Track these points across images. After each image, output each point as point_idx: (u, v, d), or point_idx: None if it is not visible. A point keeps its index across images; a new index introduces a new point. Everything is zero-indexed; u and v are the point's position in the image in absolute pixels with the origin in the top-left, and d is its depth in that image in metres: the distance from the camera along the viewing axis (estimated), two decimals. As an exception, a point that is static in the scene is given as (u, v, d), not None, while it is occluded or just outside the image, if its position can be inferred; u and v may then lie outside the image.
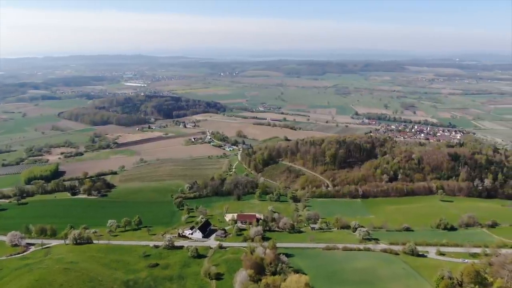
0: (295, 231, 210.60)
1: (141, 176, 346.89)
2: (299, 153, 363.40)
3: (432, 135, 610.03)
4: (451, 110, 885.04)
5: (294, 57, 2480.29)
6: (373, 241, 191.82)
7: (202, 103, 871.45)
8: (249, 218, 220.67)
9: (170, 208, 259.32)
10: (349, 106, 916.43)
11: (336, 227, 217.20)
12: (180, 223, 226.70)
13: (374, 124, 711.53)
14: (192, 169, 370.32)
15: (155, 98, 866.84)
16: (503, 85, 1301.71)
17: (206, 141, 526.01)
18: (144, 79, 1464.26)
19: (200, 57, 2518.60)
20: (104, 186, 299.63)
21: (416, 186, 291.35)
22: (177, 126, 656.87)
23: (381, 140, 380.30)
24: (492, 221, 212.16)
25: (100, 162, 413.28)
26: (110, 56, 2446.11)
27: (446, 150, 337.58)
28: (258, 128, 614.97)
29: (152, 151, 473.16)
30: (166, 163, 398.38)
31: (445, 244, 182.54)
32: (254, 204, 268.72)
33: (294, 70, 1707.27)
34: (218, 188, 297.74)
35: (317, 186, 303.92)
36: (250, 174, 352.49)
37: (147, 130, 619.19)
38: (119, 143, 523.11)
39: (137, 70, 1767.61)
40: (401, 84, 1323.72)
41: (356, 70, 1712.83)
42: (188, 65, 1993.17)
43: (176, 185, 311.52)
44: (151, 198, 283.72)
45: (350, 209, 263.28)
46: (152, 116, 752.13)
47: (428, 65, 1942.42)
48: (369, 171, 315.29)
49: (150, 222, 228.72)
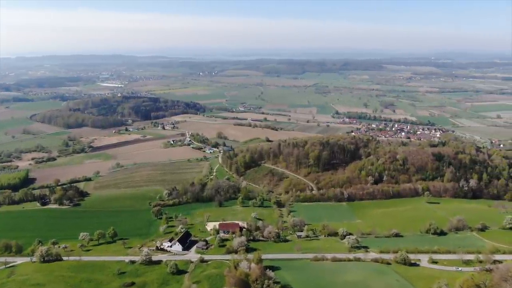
0: (281, 240, 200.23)
1: (117, 183, 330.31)
2: (281, 155, 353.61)
3: (413, 134, 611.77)
4: (429, 108, 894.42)
5: (274, 56, 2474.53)
6: (362, 249, 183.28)
7: (181, 103, 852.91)
8: (231, 227, 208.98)
9: (147, 217, 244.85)
10: (329, 105, 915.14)
11: (323, 234, 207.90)
12: (158, 234, 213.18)
13: (355, 123, 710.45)
14: (171, 174, 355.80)
15: (133, 99, 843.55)
16: (477, 83, 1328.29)
17: (185, 143, 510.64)
18: (121, 79, 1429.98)
19: (179, 57, 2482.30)
20: (77, 194, 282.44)
21: (402, 188, 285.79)
22: (155, 128, 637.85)
23: (364, 141, 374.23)
24: (481, 224, 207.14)
25: (73, 168, 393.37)
26: (86, 56, 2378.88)
27: (430, 150, 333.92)
28: (239, 129, 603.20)
29: (129, 155, 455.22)
30: (143, 168, 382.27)
31: (437, 251, 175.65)
32: (237, 211, 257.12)
33: (274, 69, 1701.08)
34: (199, 194, 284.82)
35: (301, 189, 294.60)
36: (231, 177, 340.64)
37: (124, 133, 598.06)
38: (94, 147, 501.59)
39: (114, 70, 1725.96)
40: (379, 83, 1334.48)
41: (335, 69, 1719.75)
42: (167, 65, 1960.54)
43: (154, 191, 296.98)
44: (128, 206, 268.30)
45: (336, 214, 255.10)
46: (129, 117, 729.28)
47: (405, 63, 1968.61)
48: (353, 173, 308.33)
49: (126, 234, 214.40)
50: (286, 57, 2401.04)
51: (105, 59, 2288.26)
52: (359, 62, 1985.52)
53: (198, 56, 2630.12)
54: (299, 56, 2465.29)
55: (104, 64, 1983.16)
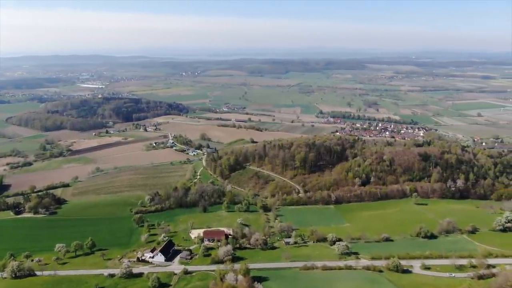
0: (268, 248, 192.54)
1: (96, 188, 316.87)
2: (267, 157, 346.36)
3: (397, 133, 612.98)
4: (411, 106, 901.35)
5: (257, 56, 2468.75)
6: (353, 255, 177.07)
7: (163, 104, 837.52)
8: (217, 235, 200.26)
9: (128, 225, 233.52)
10: (313, 105, 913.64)
11: (312, 240, 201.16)
12: (140, 244, 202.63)
13: (339, 122, 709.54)
14: (154, 178, 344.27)
15: (114, 100, 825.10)
16: (458, 82, 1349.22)
17: (168, 145, 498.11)
18: (102, 80, 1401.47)
19: (161, 57, 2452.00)
20: (53, 202, 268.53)
21: (390, 190, 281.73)
22: (137, 130, 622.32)
23: (350, 141, 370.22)
24: (471, 226, 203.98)
25: (51, 173, 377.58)
26: (65, 57, 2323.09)
27: (416, 150, 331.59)
28: (223, 130, 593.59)
29: (110, 158, 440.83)
30: (124, 172, 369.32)
31: (429, 256, 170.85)
32: (222, 216, 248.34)
33: (257, 69, 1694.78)
34: (182, 199, 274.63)
35: (288, 192, 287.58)
36: (216, 181, 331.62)
37: (104, 135, 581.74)
38: (73, 150, 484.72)
39: (95, 71, 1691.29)
40: (362, 82, 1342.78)
41: (319, 69, 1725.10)
42: (149, 65, 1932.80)
43: (135, 197, 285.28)
44: (107, 214, 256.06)
45: (324, 217, 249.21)
46: (110, 119, 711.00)
47: (387, 63, 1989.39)
48: (340, 175, 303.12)
49: (105, 244, 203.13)
50: (269, 56, 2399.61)
51: (86, 59, 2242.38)
52: (342, 61, 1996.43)
53: (180, 56, 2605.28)
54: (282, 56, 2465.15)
55: (84, 65, 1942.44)
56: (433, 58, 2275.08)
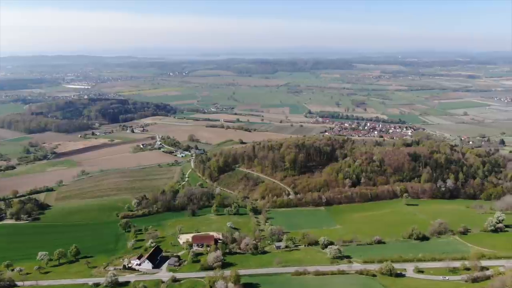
0: (259, 252, 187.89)
1: (81, 192, 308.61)
2: (256, 159, 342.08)
3: (385, 132, 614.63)
4: (399, 106, 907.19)
5: (245, 56, 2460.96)
6: (345, 259, 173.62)
7: (151, 105, 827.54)
8: (206, 240, 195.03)
9: (114, 231, 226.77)
10: (301, 105, 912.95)
11: (304, 244, 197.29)
12: (126, 250, 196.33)
13: (328, 122, 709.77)
14: (141, 181, 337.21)
15: (100, 101, 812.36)
16: (443, 81, 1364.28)
17: (156, 147, 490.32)
18: (88, 80, 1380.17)
19: (148, 57, 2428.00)
20: (36, 207, 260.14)
21: (380, 190, 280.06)
22: (124, 132, 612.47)
23: (340, 142, 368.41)
24: (463, 227, 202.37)
25: (34, 177, 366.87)
26: (50, 57, 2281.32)
27: (406, 150, 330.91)
28: (211, 131, 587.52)
29: (96, 161, 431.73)
30: (111, 175, 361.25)
31: (422, 259, 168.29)
32: (211, 220, 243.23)
33: (245, 69, 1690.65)
34: (170, 202, 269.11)
35: (278, 194, 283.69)
36: (204, 183, 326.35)
37: (90, 137, 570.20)
38: (58, 153, 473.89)
39: (80, 71, 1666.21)
40: (350, 82, 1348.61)
41: (307, 68, 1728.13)
42: (136, 65, 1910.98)
43: (122, 201, 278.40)
44: (93, 219, 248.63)
45: (315, 219, 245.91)
46: (96, 121, 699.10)
47: (374, 62, 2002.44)
48: (331, 176, 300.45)
49: (90, 251, 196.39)
50: (257, 56, 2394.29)
51: (71, 59, 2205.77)
52: (329, 61, 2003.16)
53: (167, 56, 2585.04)
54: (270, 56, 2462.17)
55: (70, 65, 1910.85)
56: (418, 58, 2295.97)
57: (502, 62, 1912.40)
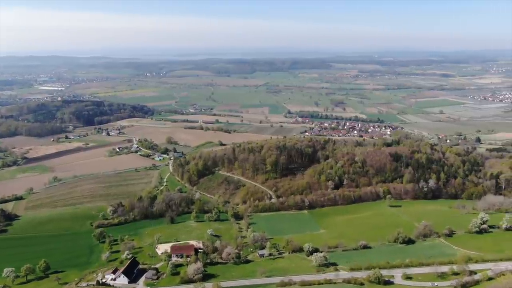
0: (242, 261, 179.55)
1: (53, 200, 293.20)
2: (237, 161, 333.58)
3: (365, 132, 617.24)
4: (377, 105, 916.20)
5: (223, 55, 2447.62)
6: (331, 267, 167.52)
7: (127, 107, 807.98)
8: (185, 250, 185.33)
9: (88, 242, 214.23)
10: (281, 105, 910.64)
11: (288, 251, 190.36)
12: (101, 263, 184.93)
13: (307, 122, 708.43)
14: (117, 186, 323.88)
15: (74, 103, 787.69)
16: (419, 80, 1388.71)
17: (132, 150, 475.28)
18: (62, 82, 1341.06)
19: (124, 57, 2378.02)
20: (3, 218, 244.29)
21: (363, 192, 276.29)
22: (99, 134, 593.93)
23: (321, 143, 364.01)
24: (448, 229, 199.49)
25: (2, 185, 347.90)
26: (21, 58, 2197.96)
27: (387, 150, 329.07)
28: (190, 132, 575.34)
29: (69, 166, 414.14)
30: (85, 181, 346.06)
31: (410, 265, 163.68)
32: (191, 228, 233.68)
33: (223, 69, 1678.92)
34: (148, 209, 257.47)
35: (260, 198, 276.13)
36: (184, 187, 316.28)
37: (64, 141, 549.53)
38: (29, 158, 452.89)
39: (54, 72, 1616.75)
40: (328, 81, 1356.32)
41: (285, 68, 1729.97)
42: (111, 66, 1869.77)
43: (97, 208, 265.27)
44: (65, 229, 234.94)
45: (298, 224, 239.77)
46: (70, 123, 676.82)
47: (351, 62, 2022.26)
48: (313, 178, 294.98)
49: (61, 265, 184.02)
50: (235, 56, 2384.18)
51: (44, 60, 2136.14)
52: (307, 61, 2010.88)
53: (144, 56, 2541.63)
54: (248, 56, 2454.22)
55: (43, 66, 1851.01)
56: (394, 57, 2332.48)
57: (473, 61, 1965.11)
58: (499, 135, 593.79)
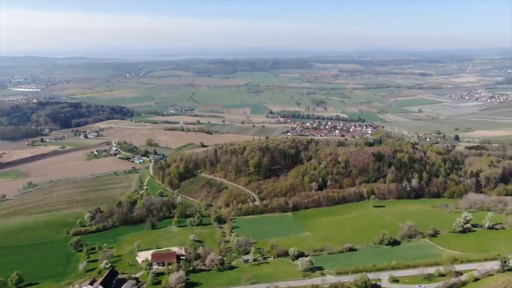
0: (226, 268, 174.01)
1: (27, 207, 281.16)
2: (219, 164, 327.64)
3: (346, 131, 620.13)
4: (357, 104, 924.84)
5: (204, 55, 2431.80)
6: (317, 271, 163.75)
7: (106, 108, 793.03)
8: (167, 258, 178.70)
9: (65, 251, 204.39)
10: (262, 105, 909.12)
11: (273, 255, 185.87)
12: (77, 274, 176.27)
13: (289, 122, 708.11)
14: (95, 191, 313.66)
15: (50, 105, 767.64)
16: (398, 79, 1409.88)
17: (111, 153, 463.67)
18: (38, 83, 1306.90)
19: (102, 58, 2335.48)
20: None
21: (347, 193, 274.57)
22: (76, 137, 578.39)
23: (304, 143, 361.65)
24: (432, 229, 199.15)
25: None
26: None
27: (370, 150, 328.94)
28: (171, 134, 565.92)
29: (45, 170, 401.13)
30: (61, 186, 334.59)
31: (396, 267, 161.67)
32: (173, 233, 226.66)
33: (204, 69, 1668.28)
34: (127, 215, 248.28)
35: (243, 201, 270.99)
36: (165, 191, 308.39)
37: (39, 144, 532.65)
38: (2, 163, 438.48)
39: (29, 73, 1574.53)
40: (309, 81, 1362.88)
41: (266, 68, 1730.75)
42: (90, 66, 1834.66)
43: (74, 215, 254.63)
44: (40, 238, 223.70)
45: (283, 227, 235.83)
46: (46, 126, 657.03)
47: (331, 61, 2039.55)
48: (296, 179, 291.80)
49: (35, 277, 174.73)
50: (216, 56, 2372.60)
51: (19, 61, 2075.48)
52: (288, 60, 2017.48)
53: (122, 56, 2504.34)
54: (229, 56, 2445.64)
55: (18, 67, 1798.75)
56: (373, 57, 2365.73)
57: (450, 60, 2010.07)
58: (476, 133, 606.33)
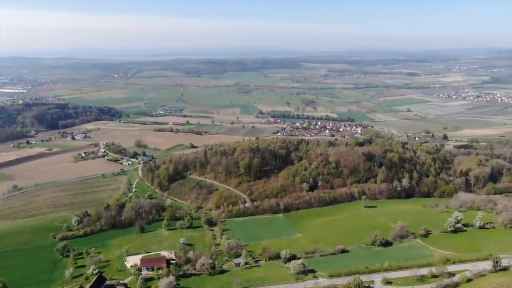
0: (217, 272, 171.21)
1: (12, 212, 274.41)
2: (209, 165, 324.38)
3: (336, 131, 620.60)
4: (347, 104, 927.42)
5: (193, 56, 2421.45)
6: (310, 274, 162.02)
7: (94, 109, 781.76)
8: (157, 263, 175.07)
9: (51, 256, 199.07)
10: (252, 105, 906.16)
11: (264, 258, 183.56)
12: (64, 281, 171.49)
13: (279, 122, 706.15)
14: (83, 194, 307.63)
15: (36, 106, 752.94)
16: (386, 79, 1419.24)
17: (99, 155, 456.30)
18: (23, 84, 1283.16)
19: (89, 58, 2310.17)
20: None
21: (338, 193, 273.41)
22: (63, 139, 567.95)
23: (295, 144, 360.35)
24: (424, 229, 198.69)
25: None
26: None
27: (360, 150, 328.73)
28: (160, 135, 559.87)
29: (31, 173, 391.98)
30: (48, 189, 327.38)
31: (389, 268, 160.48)
32: (162, 237, 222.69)
33: (193, 69, 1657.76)
34: (116, 218, 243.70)
35: (234, 203, 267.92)
36: (154, 193, 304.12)
37: (25, 146, 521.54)
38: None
39: (15, 74, 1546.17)
40: (299, 81, 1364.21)
41: (256, 68, 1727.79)
42: (77, 67, 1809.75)
43: (61, 219, 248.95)
44: (25, 243, 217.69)
45: (274, 229, 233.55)
46: (32, 128, 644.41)
47: (320, 61, 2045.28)
48: (287, 180, 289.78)
49: (21, 283, 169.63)
50: (205, 56, 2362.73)
51: (4, 61, 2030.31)
52: (277, 60, 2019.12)
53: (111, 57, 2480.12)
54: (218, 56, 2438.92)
55: (2, 67, 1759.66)
56: (362, 57, 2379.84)
57: (437, 60, 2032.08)
58: (464, 132, 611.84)
